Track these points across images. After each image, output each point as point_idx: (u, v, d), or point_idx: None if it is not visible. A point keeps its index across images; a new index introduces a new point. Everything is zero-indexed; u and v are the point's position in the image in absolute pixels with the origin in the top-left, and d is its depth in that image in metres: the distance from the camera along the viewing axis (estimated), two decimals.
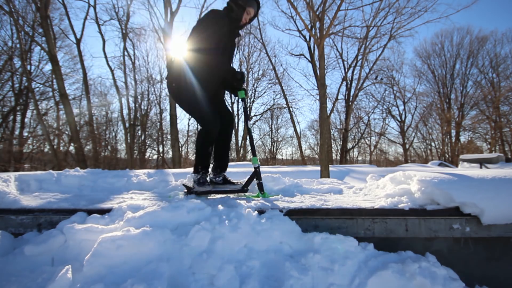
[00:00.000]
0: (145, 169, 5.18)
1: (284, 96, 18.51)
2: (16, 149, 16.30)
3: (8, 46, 16.24)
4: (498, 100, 20.15)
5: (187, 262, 1.48)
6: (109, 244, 1.44)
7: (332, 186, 2.76)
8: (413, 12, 9.62)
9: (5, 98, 16.69)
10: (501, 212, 1.65)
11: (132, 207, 1.89)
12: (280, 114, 24.22)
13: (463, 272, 1.61)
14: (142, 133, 21.38)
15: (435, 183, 1.81)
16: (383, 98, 23.63)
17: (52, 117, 18.27)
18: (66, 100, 12.22)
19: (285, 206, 1.87)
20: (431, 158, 23.49)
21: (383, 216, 1.78)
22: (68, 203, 2.06)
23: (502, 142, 21.12)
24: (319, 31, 6.74)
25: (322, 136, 6.78)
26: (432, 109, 23.66)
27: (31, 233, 1.82)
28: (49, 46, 11.52)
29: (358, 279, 1.44)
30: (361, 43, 17.08)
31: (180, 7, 12.86)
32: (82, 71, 15.20)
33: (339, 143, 23.59)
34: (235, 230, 1.61)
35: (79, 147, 12.59)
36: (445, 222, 1.74)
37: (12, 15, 12.09)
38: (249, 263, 1.50)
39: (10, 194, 2.11)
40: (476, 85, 22.27)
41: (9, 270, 1.48)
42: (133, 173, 3.39)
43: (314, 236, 1.66)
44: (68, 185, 2.88)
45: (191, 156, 23.40)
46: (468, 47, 22.39)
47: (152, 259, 1.46)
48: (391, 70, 22.63)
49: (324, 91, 6.48)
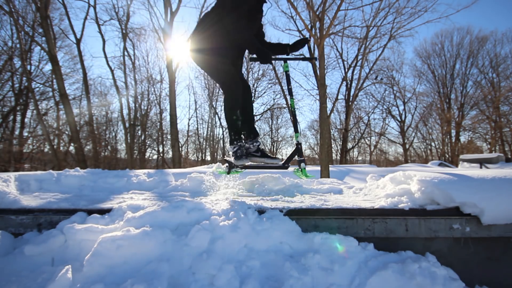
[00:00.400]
0: (145, 169, 5.18)
1: (284, 96, 18.53)
2: (16, 149, 16.30)
3: (8, 46, 16.26)
4: (498, 100, 20.16)
5: (187, 262, 1.48)
6: (109, 244, 1.44)
7: (332, 186, 2.76)
8: (413, 12, 9.64)
9: (5, 98, 16.70)
10: (501, 212, 1.65)
11: (132, 207, 1.89)
12: (280, 114, 24.27)
13: (463, 272, 1.61)
14: (142, 133, 21.39)
15: (435, 183, 1.81)
16: (383, 98, 23.67)
17: (52, 117, 18.29)
18: (66, 100, 12.22)
19: (285, 206, 1.87)
20: (431, 158, 23.50)
21: (383, 216, 1.78)
22: (68, 203, 2.05)
23: (502, 142, 21.13)
24: (319, 31, 6.75)
25: (322, 136, 6.78)
26: (432, 109, 23.68)
27: (31, 233, 1.81)
28: (49, 46, 11.53)
29: (358, 279, 1.44)
30: (361, 43, 17.09)
31: (180, 7, 12.88)
32: (82, 71, 15.21)
33: (339, 143, 23.61)
34: (235, 230, 1.61)
35: (79, 147, 12.59)
36: (445, 222, 1.74)
37: (12, 15, 12.10)
38: (249, 263, 1.51)
39: (10, 194, 2.10)
40: (476, 85, 22.30)
41: (9, 270, 1.48)
42: (133, 173, 3.39)
43: (314, 236, 1.66)
44: (68, 185, 2.88)
45: (191, 156, 23.42)
46: (468, 47, 22.42)
47: (152, 259, 1.46)
48: (391, 70, 22.67)
49: (324, 91, 6.48)
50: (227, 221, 1.66)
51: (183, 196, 2.40)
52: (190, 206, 1.81)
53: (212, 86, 23.11)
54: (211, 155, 25.02)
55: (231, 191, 2.69)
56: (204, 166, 10.34)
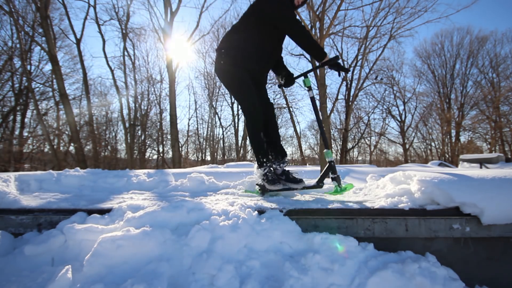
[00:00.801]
0: (145, 169, 5.17)
1: (284, 96, 18.54)
2: (16, 149, 16.30)
3: (8, 46, 16.27)
4: (498, 100, 20.16)
5: (187, 262, 1.48)
6: (109, 244, 1.44)
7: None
8: (413, 12, 9.63)
9: (5, 98, 16.70)
10: (501, 212, 1.65)
11: (132, 207, 1.89)
12: (280, 114, 24.24)
13: (463, 272, 1.61)
14: (142, 133, 21.39)
15: (435, 183, 1.81)
16: (383, 98, 23.67)
17: (52, 117, 18.29)
18: (66, 100, 12.21)
19: (285, 206, 1.87)
20: (431, 158, 23.49)
21: (383, 216, 1.78)
22: (68, 203, 2.06)
23: (502, 142, 21.13)
24: (319, 31, 6.75)
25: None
26: (432, 109, 23.68)
27: (31, 233, 1.81)
28: (49, 46, 11.52)
29: (358, 279, 1.44)
30: (361, 43, 17.08)
31: (180, 7, 12.85)
32: (82, 71, 15.21)
33: (339, 143, 23.59)
34: (235, 230, 1.61)
35: (79, 147, 12.58)
36: (445, 222, 1.74)
37: (12, 15, 12.09)
38: (249, 263, 1.51)
39: (10, 194, 2.11)
40: (476, 85, 22.30)
41: (9, 270, 1.48)
42: (133, 173, 3.39)
43: (314, 236, 1.66)
44: (68, 185, 2.88)
45: (191, 156, 23.42)
46: (468, 47, 22.42)
47: (152, 259, 1.46)
48: (391, 70, 22.66)
49: (324, 91, 6.48)
50: (227, 221, 1.66)
51: (183, 196, 2.40)
52: (190, 206, 1.81)
53: (212, 86, 23.11)
54: (211, 155, 25.03)
55: (231, 191, 2.69)
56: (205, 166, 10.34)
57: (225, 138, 24.34)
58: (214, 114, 23.96)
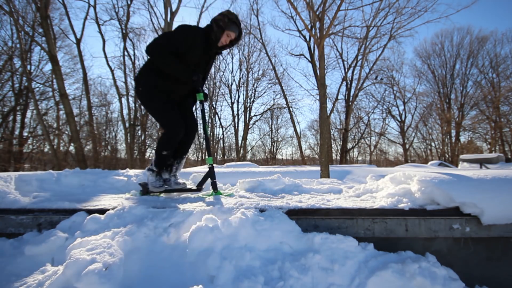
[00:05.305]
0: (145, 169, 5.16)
1: (284, 96, 18.52)
2: (16, 149, 16.30)
3: (8, 46, 16.26)
4: (498, 100, 20.15)
5: (187, 262, 1.48)
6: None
7: (332, 186, 2.76)
8: (413, 12, 9.60)
9: (5, 98, 16.70)
10: (501, 212, 1.65)
11: (131, 207, 1.89)
12: (280, 114, 24.22)
13: (463, 272, 1.61)
14: (142, 133, 21.37)
15: (435, 183, 1.81)
16: (383, 98, 23.65)
17: (52, 117, 18.28)
18: (66, 100, 12.20)
19: (285, 206, 1.87)
20: (431, 158, 23.47)
21: (383, 216, 1.78)
22: (68, 203, 2.06)
23: (502, 142, 21.12)
24: (319, 31, 6.73)
25: (322, 136, 6.77)
26: (432, 109, 23.67)
27: (31, 233, 1.82)
28: (49, 46, 11.51)
29: (358, 279, 1.44)
30: (361, 43, 17.07)
31: (180, 7, 12.86)
32: (82, 71, 15.18)
33: (339, 143, 23.58)
34: (236, 230, 1.61)
35: (79, 147, 12.57)
36: (445, 222, 1.74)
37: (12, 15, 12.08)
38: (249, 263, 1.50)
39: (10, 194, 2.11)
40: (476, 85, 22.28)
41: (9, 270, 1.48)
42: (133, 173, 3.39)
43: (314, 236, 1.66)
44: (68, 185, 2.88)
45: (191, 156, 23.41)
46: (468, 47, 22.40)
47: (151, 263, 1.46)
48: (391, 70, 22.64)
49: (324, 91, 6.46)
50: (227, 221, 1.66)
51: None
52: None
53: (212, 86, 23.10)
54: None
55: (231, 191, 2.69)
56: (204, 166, 10.32)
57: (225, 138, 24.32)
58: (214, 114, 23.94)
